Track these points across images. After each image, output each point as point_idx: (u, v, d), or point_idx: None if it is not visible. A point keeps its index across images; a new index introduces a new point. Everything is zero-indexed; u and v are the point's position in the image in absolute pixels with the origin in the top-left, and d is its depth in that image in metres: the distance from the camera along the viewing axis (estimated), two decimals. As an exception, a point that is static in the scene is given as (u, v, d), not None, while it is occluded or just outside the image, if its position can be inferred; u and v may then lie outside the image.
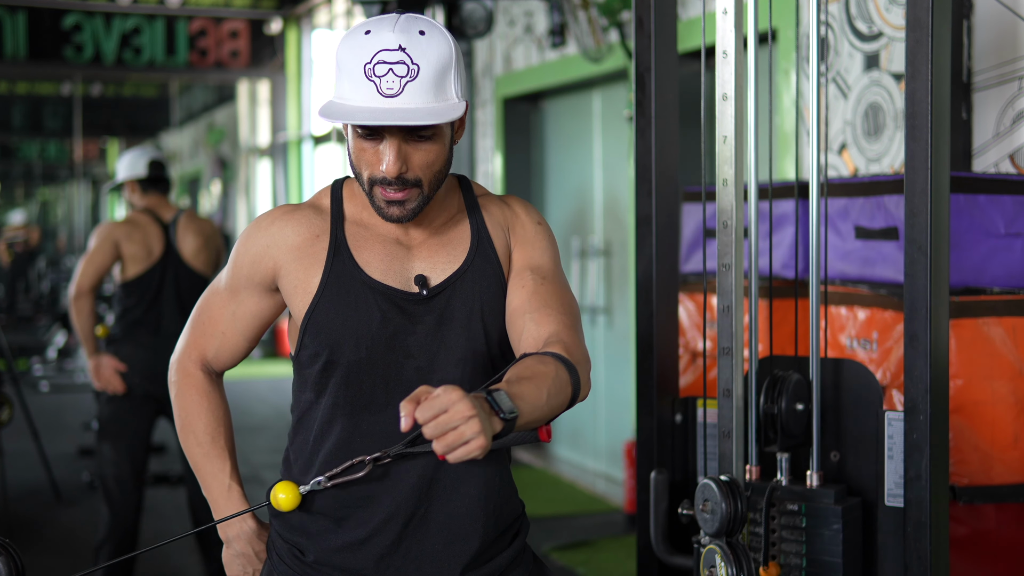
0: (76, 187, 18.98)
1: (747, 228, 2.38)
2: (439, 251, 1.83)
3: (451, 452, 1.41)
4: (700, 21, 3.56)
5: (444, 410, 1.40)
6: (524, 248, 1.86)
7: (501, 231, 1.87)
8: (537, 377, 1.60)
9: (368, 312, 1.77)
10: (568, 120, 6.70)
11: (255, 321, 1.89)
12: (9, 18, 10.59)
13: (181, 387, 1.94)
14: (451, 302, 1.80)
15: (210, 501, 1.93)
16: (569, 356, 1.70)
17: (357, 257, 1.80)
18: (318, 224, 1.82)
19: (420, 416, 1.40)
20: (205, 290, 1.94)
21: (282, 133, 12.24)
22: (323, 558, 1.82)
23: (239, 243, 1.86)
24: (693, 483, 2.59)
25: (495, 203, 1.91)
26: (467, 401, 1.40)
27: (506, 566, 1.86)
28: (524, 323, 1.78)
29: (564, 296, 1.83)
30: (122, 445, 4.29)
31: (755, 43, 2.38)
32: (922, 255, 2.17)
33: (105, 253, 4.35)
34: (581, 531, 5.38)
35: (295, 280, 1.80)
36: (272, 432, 7.86)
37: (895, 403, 2.80)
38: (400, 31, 1.67)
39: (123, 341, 4.41)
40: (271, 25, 11.69)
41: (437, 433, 1.40)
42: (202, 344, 1.93)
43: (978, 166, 3.32)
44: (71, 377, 10.71)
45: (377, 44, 1.67)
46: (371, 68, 1.66)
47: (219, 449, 1.92)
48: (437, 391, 1.42)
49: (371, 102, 1.67)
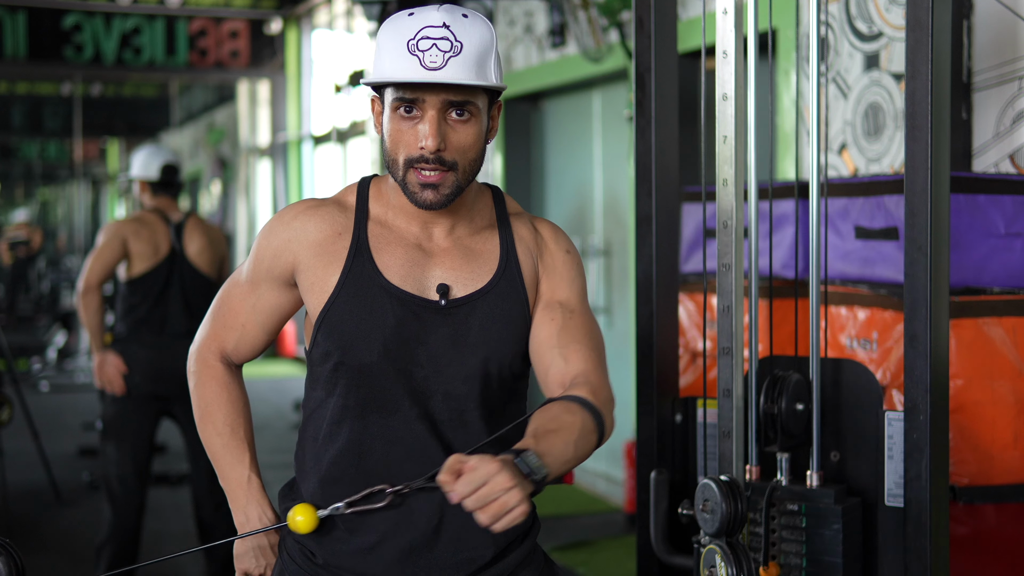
0: (76, 187, 18.99)
1: (747, 228, 2.38)
2: (463, 264, 1.81)
3: (497, 523, 1.45)
4: (700, 21, 3.57)
5: (484, 483, 1.44)
6: (552, 279, 1.86)
7: (530, 257, 1.86)
8: (563, 429, 1.63)
9: (383, 316, 1.76)
10: (568, 120, 6.70)
11: (275, 314, 1.89)
12: (9, 18, 10.59)
13: (201, 377, 1.93)
14: (469, 319, 1.79)
15: (227, 491, 1.92)
16: (595, 399, 1.72)
17: (377, 259, 1.79)
18: (341, 222, 1.82)
19: (460, 491, 1.44)
20: (226, 281, 1.94)
21: (282, 133, 12.24)
22: (333, 561, 1.82)
23: (261, 235, 1.86)
24: (693, 483, 2.59)
25: (526, 226, 1.89)
26: (506, 472, 1.45)
27: (515, 566, 1.85)
28: (552, 358, 1.78)
29: (592, 330, 1.83)
30: (126, 445, 4.29)
31: (755, 43, 2.38)
32: (922, 255, 2.17)
33: (113, 249, 4.37)
34: (581, 531, 5.38)
35: (313, 277, 1.80)
36: (273, 432, 7.86)
37: (895, 403, 2.80)
38: (445, 11, 1.71)
39: (127, 340, 4.41)
40: (271, 25, 11.69)
41: (479, 505, 1.44)
42: (222, 336, 1.92)
43: (978, 166, 3.32)
44: (71, 377, 10.71)
45: (421, 22, 1.70)
46: (414, 43, 1.68)
47: (238, 440, 1.91)
48: (473, 462, 1.45)
49: (415, 75, 1.68)
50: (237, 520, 1.92)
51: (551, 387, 1.78)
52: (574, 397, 1.71)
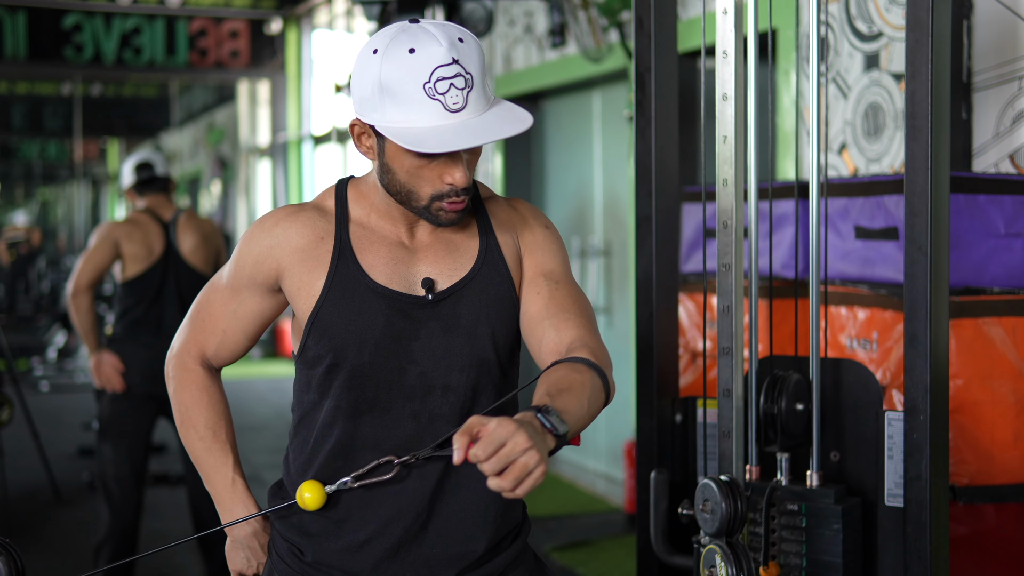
0: (76, 187, 19.00)
1: (747, 228, 2.38)
2: (445, 256, 1.82)
3: (518, 487, 1.43)
4: (700, 21, 3.57)
5: (502, 444, 1.42)
6: (535, 254, 1.87)
7: (510, 238, 1.87)
8: (575, 387, 1.63)
9: (372, 317, 1.77)
10: (568, 120, 6.70)
11: (256, 320, 1.89)
12: (9, 18, 10.59)
13: (180, 381, 1.94)
14: (456, 308, 1.80)
15: (213, 495, 1.93)
16: (596, 360, 1.72)
17: (361, 260, 1.79)
18: (322, 226, 1.82)
19: (480, 453, 1.42)
20: (205, 286, 1.94)
21: (282, 133, 12.24)
22: (321, 558, 1.82)
23: (242, 242, 1.86)
24: (693, 483, 2.59)
25: (502, 207, 1.90)
26: (524, 432, 1.43)
27: (506, 566, 1.86)
28: (544, 330, 1.79)
29: (579, 298, 1.84)
30: (123, 445, 4.29)
31: (755, 43, 2.38)
32: (922, 255, 2.17)
33: (104, 252, 4.37)
34: (581, 531, 5.38)
35: (299, 282, 1.80)
36: (272, 432, 7.86)
37: (895, 403, 2.80)
38: (447, 44, 1.67)
39: (124, 341, 4.41)
40: (271, 25, 11.69)
41: (499, 467, 1.42)
42: (202, 341, 1.92)
43: (978, 166, 3.32)
44: (71, 377, 10.71)
45: (431, 60, 1.66)
46: (432, 87, 1.66)
47: (220, 443, 1.92)
48: (491, 424, 1.44)
49: (441, 120, 1.67)
50: (224, 521, 1.93)
51: (546, 359, 1.77)
52: (577, 358, 1.71)
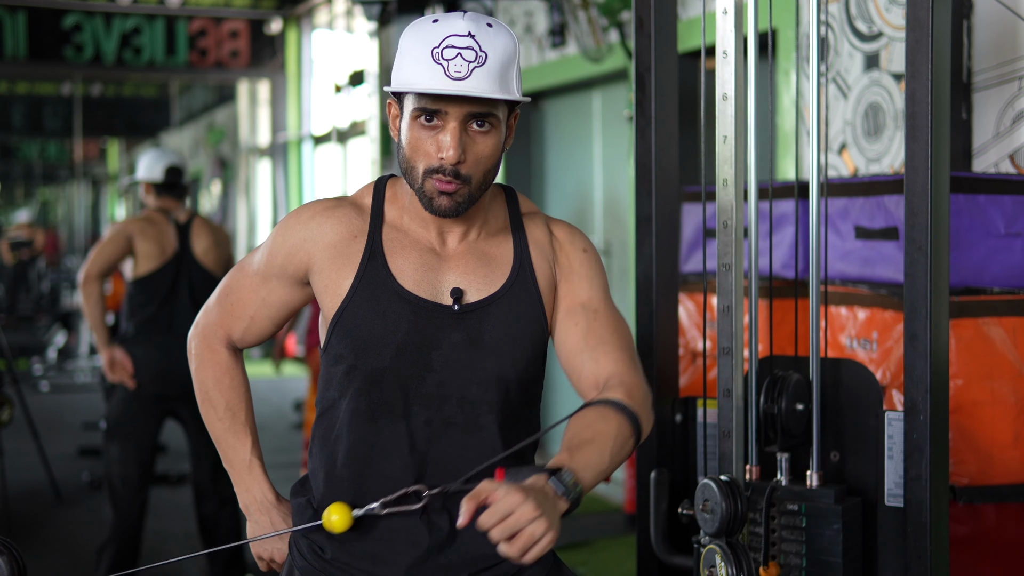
0: (76, 187, 19.00)
1: (747, 228, 2.38)
2: (476, 268, 1.81)
3: (525, 555, 1.44)
4: (700, 21, 3.57)
5: (508, 514, 1.43)
6: (571, 281, 1.86)
7: (545, 261, 1.85)
8: (599, 438, 1.63)
9: (396, 322, 1.77)
10: (568, 120, 6.70)
11: (284, 308, 1.91)
12: (9, 18, 10.59)
13: (203, 360, 1.95)
14: (482, 323, 1.79)
15: (231, 474, 1.96)
16: (631, 399, 1.72)
17: (391, 264, 1.79)
18: (357, 224, 1.82)
19: (485, 523, 1.43)
20: (233, 268, 1.94)
21: (282, 133, 12.24)
22: (342, 557, 1.82)
23: (277, 231, 1.86)
24: (693, 483, 2.59)
25: (540, 227, 1.88)
26: (531, 501, 1.44)
27: (520, 566, 1.84)
28: (583, 363, 1.79)
29: (618, 327, 1.83)
30: (130, 445, 4.29)
31: (755, 43, 2.38)
32: (922, 255, 2.17)
33: (117, 245, 4.38)
34: (581, 531, 5.38)
35: (327, 279, 1.81)
36: (272, 432, 7.86)
37: (895, 403, 2.80)
38: (470, 20, 1.69)
39: (135, 340, 4.41)
40: (271, 25, 11.69)
41: (505, 536, 1.43)
42: (228, 324, 1.93)
43: (978, 166, 3.32)
44: (71, 377, 10.71)
45: (446, 30, 1.68)
46: (439, 52, 1.67)
47: (240, 424, 1.94)
48: (499, 492, 1.45)
49: (439, 84, 1.67)
50: (241, 501, 1.96)
51: (586, 391, 1.78)
52: (609, 401, 1.70)
